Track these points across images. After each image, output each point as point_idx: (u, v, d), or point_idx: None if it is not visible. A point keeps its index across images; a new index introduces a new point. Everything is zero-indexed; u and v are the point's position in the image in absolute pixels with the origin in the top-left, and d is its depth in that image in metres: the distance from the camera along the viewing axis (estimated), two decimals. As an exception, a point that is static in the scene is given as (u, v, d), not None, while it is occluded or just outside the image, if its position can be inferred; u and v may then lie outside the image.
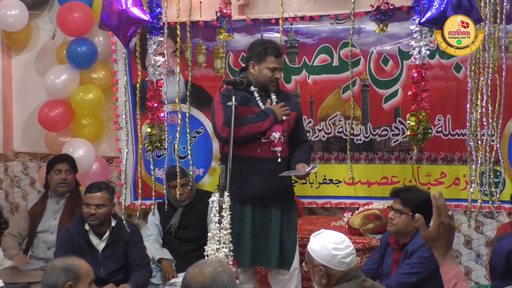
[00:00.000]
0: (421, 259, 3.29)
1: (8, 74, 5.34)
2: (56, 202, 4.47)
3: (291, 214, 3.62)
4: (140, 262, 4.01)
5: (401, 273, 3.31)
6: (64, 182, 4.42)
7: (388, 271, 3.46)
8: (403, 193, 3.45)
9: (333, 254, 2.56)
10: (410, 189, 3.52)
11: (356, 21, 4.35)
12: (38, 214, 4.44)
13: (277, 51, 3.60)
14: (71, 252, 3.87)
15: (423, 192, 3.48)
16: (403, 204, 3.40)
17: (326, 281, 2.58)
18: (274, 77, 3.59)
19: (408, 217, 3.37)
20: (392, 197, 3.51)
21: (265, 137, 3.54)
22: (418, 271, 3.28)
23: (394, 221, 3.41)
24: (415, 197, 3.41)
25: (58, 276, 2.63)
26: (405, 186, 3.60)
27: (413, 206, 3.36)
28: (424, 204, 3.38)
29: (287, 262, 3.56)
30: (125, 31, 3.67)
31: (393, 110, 4.43)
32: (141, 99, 4.54)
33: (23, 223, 4.41)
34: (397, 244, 3.46)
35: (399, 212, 3.40)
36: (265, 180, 3.53)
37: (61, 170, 4.43)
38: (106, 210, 3.96)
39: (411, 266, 3.30)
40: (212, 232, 3.21)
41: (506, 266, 2.81)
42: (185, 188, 4.44)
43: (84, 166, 4.78)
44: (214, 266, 2.26)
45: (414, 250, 3.32)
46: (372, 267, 3.58)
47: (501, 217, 4.27)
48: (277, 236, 3.53)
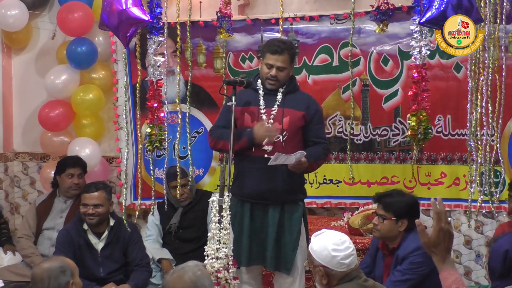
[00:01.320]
0: (412, 265, 3.25)
1: (8, 74, 5.33)
2: (63, 201, 4.53)
3: (293, 217, 3.53)
4: (140, 262, 4.01)
5: (393, 280, 3.26)
6: (77, 186, 4.48)
7: (380, 276, 3.43)
8: (385, 198, 3.39)
9: (333, 255, 2.56)
10: (392, 194, 3.44)
11: (356, 21, 4.35)
12: (44, 211, 4.51)
13: (274, 48, 3.48)
14: (71, 251, 3.88)
15: (406, 196, 3.44)
16: (385, 209, 3.35)
17: (326, 281, 2.58)
18: (269, 74, 3.50)
19: (391, 222, 3.33)
20: (375, 202, 3.47)
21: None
22: (410, 277, 3.24)
23: (378, 227, 3.38)
24: (397, 201, 3.36)
25: (58, 278, 2.68)
26: (388, 191, 3.51)
27: (395, 210, 3.33)
28: (407, 208, 3.36)
29: (285, 265, 3.51)
30: (125, 31, 3.67)
31: (393, 110, 4.43)
32: (141, 99, 4.55)
33: (32, 221, 4.50)
34: (386, 249, 3.43)
35: (382, 218, 3.35)
36: (261, 179, 3.49)
37: (74, 175, 4.49)
38: (103, 210, 3.96)
39: (402, 273, 3.25)
40: (212, 232, 3.20)
41: (504, 266, 2.81)
42: (185, 188, 4.45)
43: (89, 165, 4.79)
44: (193, 271, 2.28)
45: (405, 255, 3.27)
46: (364, 271, 3.53)
47: (501, 217, 4.27)
48: (273, 237, 3.49)
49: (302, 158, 3.38)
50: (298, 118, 3.53)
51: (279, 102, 3.53)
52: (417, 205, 3.44)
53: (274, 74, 3.50)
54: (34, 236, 4.47)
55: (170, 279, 2.31)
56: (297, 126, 3.53)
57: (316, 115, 3.59)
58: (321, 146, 3.57)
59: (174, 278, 2.29)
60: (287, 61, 3.50)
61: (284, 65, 3.50)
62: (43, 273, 2.70)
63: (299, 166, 3.42)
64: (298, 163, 3.40)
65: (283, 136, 3.49)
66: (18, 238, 4.47)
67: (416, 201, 3.44)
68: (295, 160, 3.37)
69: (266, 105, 3.54)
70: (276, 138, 3.46)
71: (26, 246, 4.39)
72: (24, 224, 4.56)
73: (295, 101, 3.55)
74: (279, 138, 3.48)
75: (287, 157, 3.36)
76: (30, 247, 4.39)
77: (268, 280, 3.94)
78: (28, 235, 4.44)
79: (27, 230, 4.47)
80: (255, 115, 3.54)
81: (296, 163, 3.39)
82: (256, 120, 3.53)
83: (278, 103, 3.53)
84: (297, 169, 3.45)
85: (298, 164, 3.41)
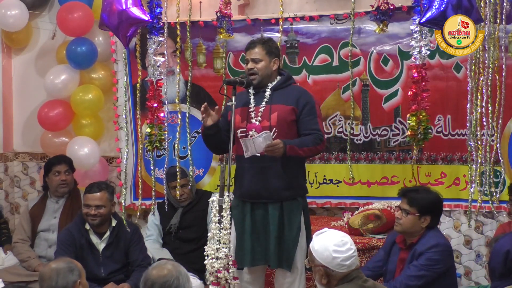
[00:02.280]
0: (429, 261, 3.26)
1: (8, 74, 5.33)
2: (55, 201, 4.52)
3: (292, 214, 3.52)
4: (142, 262, 4.01)
5: (408, 275, 3.27)
6: (64, 182, 4.48)
7: (393, 270, 3.44)
8: (411, 193, 3.42)
9: (334, 256, 2.56)
10: (418, 190, 3.48)
11: (356, 21, 4.35)
12: (38, 214, 4.51)
13: (247, 45, 3.61)
14: (72, 251, 3.89)
15: (432, 193, 3.45)
16: (410, 204, 3.37)
17: (326, 281, 2.59)
18: (247, 69, 3.57)
19: (414, 217, 3.35)
20: (400, 196, 3.48)
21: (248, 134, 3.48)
22: (425, 274, 3.26)
23: (400, 220, 3.39)
24: (422, 198, 3.38)
25: (66, 277, 2.72)
26: (414, 186, 3.57)
27: (420, 206, 3.35)
28: (431, 205, 3.39)
29: (286, 262, 3.51)
30: (125, 31, 3.67)
31: (393, 110, 4.43)
32: (141, 99, 4.55)
33: (26, 224, 4.50)
34: (404, 243, 3.44)
35: (405, 212, 3.37)
36: (255, 177, 3.49)
37: (60, 172, 4.48)
38: (106, 210, 3.97)
39: (418, 269, 3.26)
40: (212, 232, 3.20)
41: (504, 266, 2.82)
42: (185, 188, 4.44)
43: (88, 164, 4.80)
44: (170, 263, 2.63)
45: (423, 251, 3.29)
46: (377, 265, 3.57)
47: (501, 217, 4.27)
48: (275, 235, 3.49)
49: (270, 137, 3.30)
50: (287, 112, 3.50)
51: (266, 99, 3.53)
52: (441, 204, 3.47)
53: (250, 67, 3.55)
54: (30, 240, 4.46)
55: (150, 273, 2.58)
56: (286, 121, 3.50)
57: (306, 106, 3.53)
58: (311, 136, 3.48)
59: (155, 272, 2.57)
60: (261, 52, 3.54)
61: (257, 56, 3.54)
62: (51, 272, 2.73)
63: (272, 148, 3.32)
64: (270, 144, 3.30)
65: (273, 132, 3.45)
66: (14, 243, 4.46)
67: (440, 199, 3.46)
68: (263, 140, 3.29)
69: (255, 104, 3.55)
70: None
71: (22, 250, 4.38)
72: (19, 229, 4.55)
73: (284, 96, 3.54)
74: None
75: (254, 141, 3.31)
76: (26, 251, 4.38)
77: (268, 280, 3.94)
78: (23, 239, 4.44)
79: (22, 234, 4.47)
80: (245, 115, 3.55)
81: (269, 146, 3.30)
82: (245, 120, 3.53)
83: (266, 100, 3.53)
84: (273, 153, 3.34)
85: (271, 146, 3.31)
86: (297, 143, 3.43)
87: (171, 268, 2.57)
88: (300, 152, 3.44)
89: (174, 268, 2.58)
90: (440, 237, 3.41)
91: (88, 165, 4.77)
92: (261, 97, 3.55)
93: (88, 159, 4.75)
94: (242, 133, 3.52)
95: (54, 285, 2.69)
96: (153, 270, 2.59)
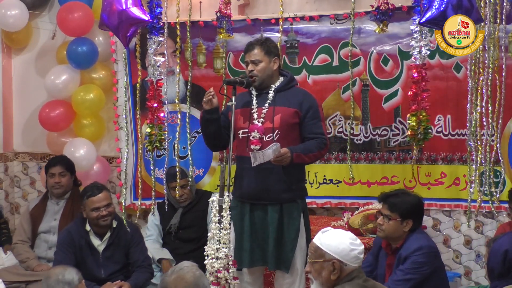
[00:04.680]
0: (414, 264, 3.25)
1: (8, 74, 5.34)
2: (56, 203, 4.52)
3: (292, 217, 3.51)
4: (142, 263, 4.01)
5: (395, 280, 3.26)
6: (58, 184, 4.47)
7: (382, 275, 3.44)
8: (391, 198, 3.40)
9: (351, 248, 2.57)
10: (398, 194, 3.45)
11: (356, 21, 4.35)
12: (38, 215, 4.50)
13: (246, 47, 3.59)
14: (72, 252, 3.89)
15: (412, 196, 3.45)
16: (391, 209, 3.36)
17: (336, 276, 2.57)
18: (247, 71, 3.55)
19: (396, 222, 3.34)
20: (380, 202, 3.48)
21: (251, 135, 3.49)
22: (412, 277, 3.24)
23: (383, 226, 3.39)
24: (403, 202, 3.37)
25: (72, 275, 2.84)
26: (393, 190, 3.52)
27: (401, 211, 3.34)
28: (412, 208, 3.38)
29: (284, 264, 3.50)
30: (125, 31, 3.67)
31: (393, 110, 4.43)
32: (141, 99, 4.55)
33: (27, 225, 4.50)
34: (389, 248, 3.44)
35: (387, 218, 3.36)
36: (256, 179, 3.48)
37: (54, 174, 4.48)
38: (113, 208, 4.00)
39: (404, 273, 3.25)
40: (212, 232, 3.21)
41: (503, 266, 2.82)
42: (185, 189, 4.45)
43: (85, 166, 4.79)
44: (192, 272, 2.36)
45: (408, 255, 3.28)
46: (366, 270, 3.53)
47: (501, 217, 4.27)
48: (273, 237, 3.48)
49: (279, 149, 3.32)
50: (290, 115, 3.49)
51: (270, 100, 3.52)
52: (422, 205, 3.47)
53: (250, 69, 3.54)
54: (30, 241, 4.46)
55: (169, 279, 2.34)
56: (289, 123, 3.49)
57: (310, 110, 3.52)
58: (315, 140, 3.49)
59: (175, 279, 2.33)
60: (260, 53, 3.52)
61: (257, 57, 3.53)
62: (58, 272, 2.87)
63: (281, 158, 3.35)
64: (278, 155, 3.32)
65: (275, 134, 3.46)
66: (14, 244, 4.46)
67: (420, 201, 3.46)
68: (272, 153, 3.31)
69: (258, 105, 3.54)
70: (268, 137, 3.45)
71: (21, 251, 4.38)
72: (19, 230, 4.55)
73: (288, 98, 3.53)
74: (271, 137, 3.46)
75: (263, 153, 3.32)
76: (25, 252, 4.38)
77: (268, 280, 3.94)
78: (23, 240, 4.44)
79: (22, 235, 4.46)
80: (247, 115, 3.54)
81: (277, 156, 3.33)
82: (248, 121, 3.53)
83: (269, 101, 3.52)
84: (281, 162, 3.37)
85: (279, 156, 3.33)
86: (303, 150, 3.44)
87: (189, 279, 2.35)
88: (306, 159, 3.47)
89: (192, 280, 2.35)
90: (423, 239, 3.38)
91: (83, 166, 4.76)
92: (264, 98, 3.54)
93: (83, 161, 4.74)
94: (244, 134, 3.53)
95: (60, 278, 2.80)
96: (172, 275, 2.36)
